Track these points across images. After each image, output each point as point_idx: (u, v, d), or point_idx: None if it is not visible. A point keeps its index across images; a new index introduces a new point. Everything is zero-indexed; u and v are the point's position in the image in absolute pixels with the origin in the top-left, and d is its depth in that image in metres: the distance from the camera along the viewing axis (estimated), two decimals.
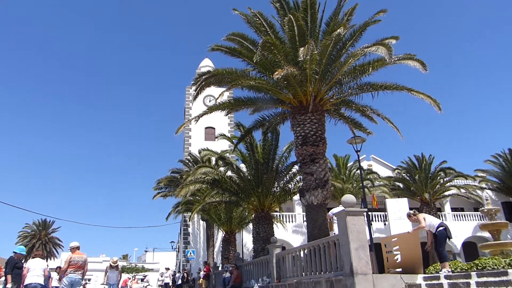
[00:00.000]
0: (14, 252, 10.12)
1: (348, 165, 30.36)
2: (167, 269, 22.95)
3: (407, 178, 31.14)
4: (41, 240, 51.35)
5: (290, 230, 28.89)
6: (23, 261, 10.76)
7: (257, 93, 14.71)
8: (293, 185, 18.45)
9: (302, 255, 11.52)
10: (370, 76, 13.26)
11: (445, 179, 30.27)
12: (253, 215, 18.85)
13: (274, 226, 18.78)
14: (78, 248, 9.56)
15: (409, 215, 9.45)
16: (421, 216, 9.22)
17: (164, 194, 30.77)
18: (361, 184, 19.30)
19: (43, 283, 9.49)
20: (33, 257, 10.02)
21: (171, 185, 29.83)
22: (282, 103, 14.54)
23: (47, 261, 43.14)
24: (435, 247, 8.94)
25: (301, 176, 14.85)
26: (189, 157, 31.23)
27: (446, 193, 30.51)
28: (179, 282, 26.79)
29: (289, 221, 29.63)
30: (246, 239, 27.72)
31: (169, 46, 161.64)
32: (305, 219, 17.49)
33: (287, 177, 18.24)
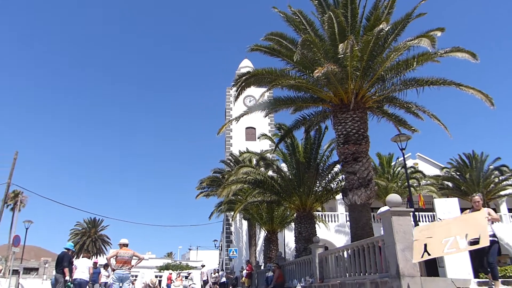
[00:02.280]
0: (65, 248, 10.69)
1: (392, 163, 29.51)
2: (203, 266, 23.33)
3: (457, 177, 29.78)
4: (91, 238, 53.93)
5: (332, 230, 28.50)
6: (74, 257, 11.62)
7: (297, 92, 14.63)
8: (335, 185, 18.16)
9: (345, 255, 11.33)
10: (414, 71, 12.76)
11: (500, 178, 28.67)
12: (294, 215, 18.76)
13: (316, 225, 18.58)
14: (126, 245, 9.93)
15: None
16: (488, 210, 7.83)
17: (207, 193, 31.33)
18: (406, 183, 18.70)
19: (87, 279, 11.51)
20: (82, 257, 12.26)
21: (213, 185, 30.32)
22: (323, 101, 14.35)
23: (96, 257, 45.28)
24: (486, 258, 7.63)
25: (343, 175, 14.61)
26: (230, 157, 31.60)
27: (502, 192, 28.88)
28: (223, 280, 27.19)
29: (331, 221, 29.24)
30: (288, 239, 27.63)
31: (210, 47, 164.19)
32: (348, 218, 17.17)
33: (329, 176, 17.98)
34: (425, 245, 7.03)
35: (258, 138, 23.55)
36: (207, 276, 22.65)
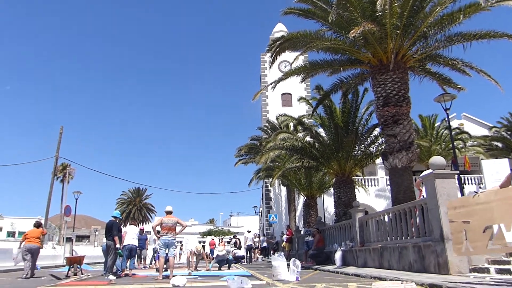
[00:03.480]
0: (113, 216, 11.20)
1: (436, 125, 28.37)
2: (249, 231, 23.89)
3: (508, 136, 28.21)
4: (136, 206, 56.53)
5: (372, 195, 28.18)
6: (121, 225, 12.21)
7: (333, 55, 14.17)
8: (375, 148, 17.75)
9: (386, 219, 11.20)
10: (461, 25, 11.91)
11: None
12: (333, 180, 18.64)
13: (356, 190, 18.40)
14: (170, 212, 10.27)
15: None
16: None
17: (245, 161, 31.71)
18: (451, 145, 17.97)
19: (136, 244, 12.07)
20: (129, 225, 12.85)
21: (251, 152, 30.59)
22: (361, 63, 13.85)
23: (142, 225, 47.48)
24: None
25: (383, 139, 14.22)
26: (267, 124, 31.61)
27: None
28: (264, 245, 27.82)
29: (371, 185, 28.89)
30: (328, 203, 27.69)
31: (243, 14, 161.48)
32: (388, 183, 16.83)
33: (368, 140, 17.56)
34: (465, 232, 5.42)
35: (298, 100, 23.22)
36: (252, 241, 23.22)
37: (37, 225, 12.42)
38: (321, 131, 19.50)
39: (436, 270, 7.79)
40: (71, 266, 11.82)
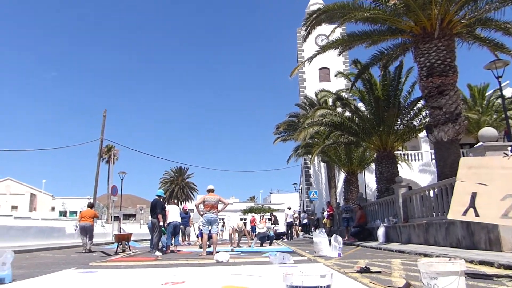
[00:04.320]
0: (157, 195, 11.53)
1: (487, 94, 26.77)
2: (289, 208, 23.97)
3: None
4: (179, 185, 58.13)
5: (416, 170, 27.30)
6: (165, 204, 12.67)
7: (372, 25, 13.59)
8: (418, 122, 17.06)
9: (432, 194, 10.82)
10: None
11: None
12: (374, 155, 18.20)
13: (398, 165, 17.87)
14: (212, 190, 10.42)
15: None
16: None
17: (284, 138, 31.56)
18: (503, 115, 16.96)
19: (179, 222, 12.83)
20: (170, 204, 13.77)
21: (289, 129, 30.37)
22: (402, 32, 13.20)
23: (185, 203, 48.83)
24: None
25: (427, 111, 13.61)
26: (305, 100, 31.16)
27: None
28: (305, 221, 27.91)
29: (414, 160, 27.98)
30: (369, 179, 27.19)
31: None
32: (433, 157, 16.20)
33: (411, 113, 16.90)
34: (473, 195, 4.57)
35: (335, 76, 22.62)
36: (292, 218, 23.34)
37: (90, 205, 14.09)
38: (360, 105, 18.96)
39: (487, 247, 7.46)
40: (120, 243, 12.39)
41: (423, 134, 18.74)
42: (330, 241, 9.00)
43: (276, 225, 24.66)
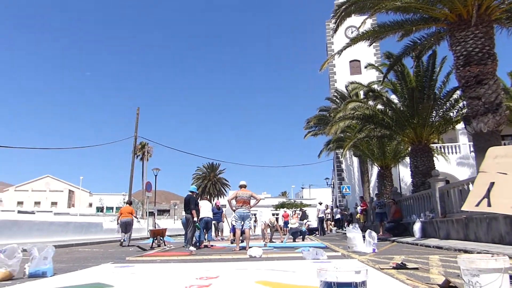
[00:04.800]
0: (190, 191, 11.70)
1: None
2: (320, 203, 23.76)
3: None
4: (211, 181, 58.84)
5: (453, 163, 26.37)
6: (198, 199, 12.87)
7: (404, 15, 13.21)
8: (455, 113, 16.45)
9: (471, 188, 10.42)
10: None
11: None
12: (409, 148, 17.72)
13: (435, 158, 17.30)
14: (244, 186, 10.48)
15: None
16: None
17: (315, 132, 31.29)
18: None
19: (211, 217, 12.86)
20: (203, 199, 13.81)
21: (320, 123, 30.07)
22: (436, 21, 12.75)
23: (217, 199, 49.41)
24: None
25: (465, 102, 13.11)
26: (335, 94, 30.75)
27: None
28: (337, 216, 27.60)
29: (451, 153, 27.03)
30: (403, 173, 26.51)
31: None
32: (472, 149, 15.58)
33: (447, 104, 16.31)
34: (491, 185, 4.35)
35: (365, 67, 22.14)
36: (323, 213, 23.15)
37: (129, 202, 15.84)
38: (393, 97, 18.49)
39: None
40: (155, 238, 12.68)
41: (460, 126, 18.05)
42: (364, 236, 8.85)
43: (308, 220, 24.51)
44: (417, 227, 12.74)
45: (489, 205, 4.27)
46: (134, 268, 6.15)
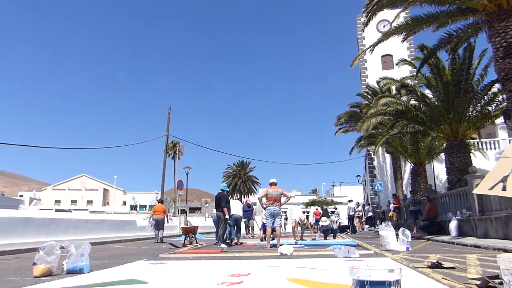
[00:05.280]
0: (221, 189, 11.81)
1: None
2: (350, 201, 23.40)
3: None
4: (241, 179, 59.15)
5: (492, 159, 25.31)
6: (229, 197, 13.06)
7: (439, 7, 12.80)
8: (494, 107, 15.79)
9: None
10: None
11: None
12: (444, 144, 17.16)
13: (472, 154, 16.69)
14: (275, 184, 10.48)
15: None
16: None
17: (345, 129, 30.87)
18: None
19: (241, 215, 13.32)
20: (233, 199, 14.42)
21: (351, 120, 29.64)
22: (474, 11, 12.27)
23: (248, 197, 49.62)
24: None
25: (504, 95, 12.56)
26: (367, 90, 30.20)
27: None
28: (369, 214, 27.14)
29: (490, 148, 25.96)
30: (438, 170, 25.72)
31: None
32: None
33: (485, 98, 15.67)
34: (510, 171, 4.25)
35: (396, 64, 21.61)
36: (353, 211, 22.81)
37: (161, 201, 16.32)
38: (427, 92, 17.95)
39: None
40: (187, 235, 12.89)
41: (500, 120, 17.32)
42: (397, 234, 8.66)
43: (339, 218, 24.22)
44: (453, 225, 12.34)
45: (503, 189, 4.17)
46: (167, 265, 6.27)
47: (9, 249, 9.06)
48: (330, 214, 20.16)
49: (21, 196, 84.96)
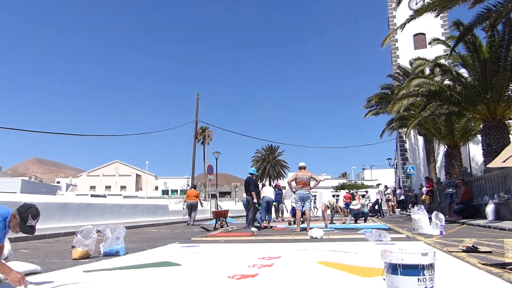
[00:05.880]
0: (250, 173, 11.87)
1: None
2: (378, 185, 23.07)
3: None
4: (270, 163, 59.35)
5: None
6: (258, 181, 13.17)
7: None
8: None
9: None
10: None
11: None
12: (481, 125, 16.51)
13: (510, 136, 15.99)
14: (304, 168, 10.45)
15: None
16: None
17: (376, 111, 30.19)
18: None
19: (273, 198, 13.29)
20: (265, 185, 15.22)
21: (382, 102, 28.92)
22: None
23: (277, 181, 49.77)
24: None
25: None
26: (398, 71, 29.35)
27: None
28: (401, 198, 26.67)
29: None
30: (474, 152, 24.91)
31: None
32: None
33: None
34: None
35: (429, 44, 20.79)
36: (382, 194, 22.49)
37: (193, 186, 17.70)
38: (462, 71, 17.22)
39: None
40: (218, 219, 13.10)
41: None
42: (430, 218, 8.47)
43: (370, 201, 23.94)
44: (489, 209, 11.96)
45: None
46: (199, 248, 6.41)
47: (49, 233, 9.49)
48: (356, 197, 19.89)
49: (58, 182, 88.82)
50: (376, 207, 21.72)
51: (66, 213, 11.65)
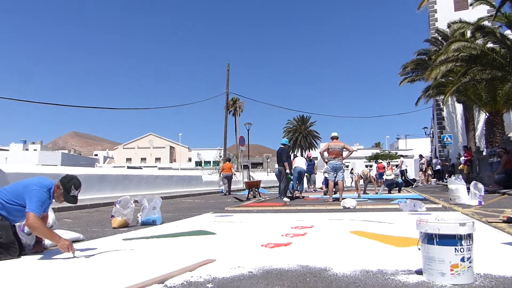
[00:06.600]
0: (282, 144, 11.84)
1: None
2: (404, 156, 22.54)
3: None
4: (302, 134, 59.05)
5: None
6: (290, 152, 13.18)
7: None
8: None
9: None
10: None
11: None
12: None
13: None
14: (336, 138, 10.32)
15: None
16: None
17: (411, 79, 29.05)
18: None
19: (305, 168, 13.53)
20: (295, 157, 15.07)
21: (418, 69, 27.75)
22: None
23: (309, 151, 49.56)
24: None
25: None
26: (436, 35, 27.92)
27: None
28: (437, 167, 26.01)
29: None
30: None
31: None
32: None
33: None
34: None
35: (471, 5, 19.57)
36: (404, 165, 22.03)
37: (228, 159, 18.79)
38: (507, 33, 16.16)
39: None
40: (250, 189, 13.27)
41: None
42: (468, 188, 8.22)
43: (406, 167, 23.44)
44: None
45: None
46: (233, 217, 6.54)
47: (89, 203, 9.96)
48: (389, 167, 19.50)
49: (95, 155, 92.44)
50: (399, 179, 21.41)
51: (105, 184, 12.11)
